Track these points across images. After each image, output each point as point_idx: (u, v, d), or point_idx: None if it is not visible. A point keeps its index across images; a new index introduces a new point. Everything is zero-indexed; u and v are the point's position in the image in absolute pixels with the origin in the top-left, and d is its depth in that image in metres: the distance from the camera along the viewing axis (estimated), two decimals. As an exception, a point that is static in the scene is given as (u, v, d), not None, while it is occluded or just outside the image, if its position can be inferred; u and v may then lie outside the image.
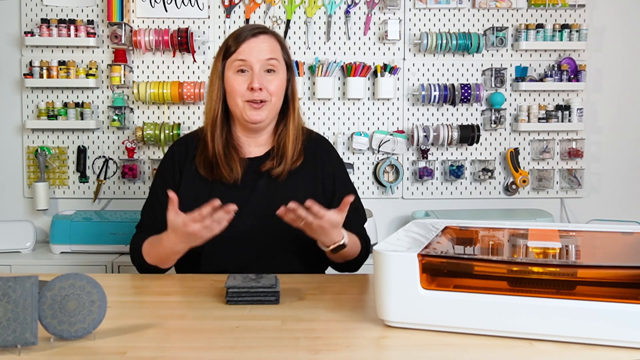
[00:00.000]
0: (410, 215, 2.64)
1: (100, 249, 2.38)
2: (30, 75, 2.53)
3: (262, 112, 1.48)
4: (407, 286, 0.96)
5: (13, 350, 0.90)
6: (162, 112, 2.62)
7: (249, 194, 1.50)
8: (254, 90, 1.45)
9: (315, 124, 2.66)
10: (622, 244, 1.18)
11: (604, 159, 2.77)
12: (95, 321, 0.94)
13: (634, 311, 0.87)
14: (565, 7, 2.67)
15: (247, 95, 1.46)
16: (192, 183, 1.51)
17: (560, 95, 2.71)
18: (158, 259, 1.44)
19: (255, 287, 1.14)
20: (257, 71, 1.46)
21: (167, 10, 2.59)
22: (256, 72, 1.46)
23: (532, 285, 0.98)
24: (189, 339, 0.97)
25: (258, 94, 1.46)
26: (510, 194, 2.73)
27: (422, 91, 2.61)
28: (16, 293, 0.89)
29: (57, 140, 2.63)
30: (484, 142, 2.71)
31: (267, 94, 1.47)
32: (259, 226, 1.47)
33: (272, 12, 2.63)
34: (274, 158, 1.53)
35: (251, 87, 1.45)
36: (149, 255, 1.45)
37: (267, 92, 1.47)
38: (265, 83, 1.47)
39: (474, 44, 2.59)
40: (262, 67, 1.47)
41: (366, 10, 2.65)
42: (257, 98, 1.46)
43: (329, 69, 2.59)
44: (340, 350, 0.92)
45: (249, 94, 1.46)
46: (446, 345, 0.93)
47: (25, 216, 2.62)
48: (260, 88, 1.45)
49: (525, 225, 1.28)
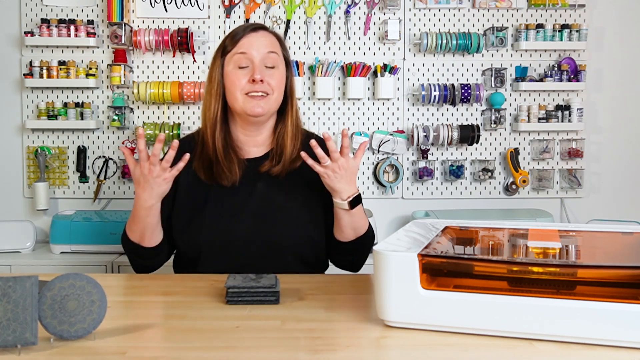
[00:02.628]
0: (410, 215, 2.64)
1: (100, 249, 2.38)
2: (30, 75, 2.53)
3: (263, 104, 1.46)
4: (407, 286, 0.96)
5: (13, 350, 0.90)
6: (162, 112, 2.62)
7: (248, 196, 1.49)
8: (255, 82, 1.44)
9: (315, 124, 2.66)
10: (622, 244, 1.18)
11: (603, 159, 2.77)
12: (95, 321, 0.94)
13: (634, 311, 0.87)
14: (565, 7, 2.67)
15: (247, 87, 1.45)
16: (190, 187, 1.50)
17: (560, 95, 2.71)
18: (137, 228, 1.43)
19: (255, 287, 1.14)
20: (258, 64, 1.46)
21: (167, 10, 2.59)
22: (257, 65, 1.46)
23: (532, 285, 0.98)
24: (189, 339, 0.97)
25: (259, 85, 1.45)
26: (510, 194, 2.73)
27: (422, 91, 2.61)
28: (16, 293, 0.89)
29: (57, 140, 2.63)
30: (484, 142, 2.71)
31: (269, 87, 1.47)
32: (258, 228, 1.47)
33: (272, 12, 2.63)
34: (272, 158, 1.52)
35: (252, 79, 1.44)
36: (130, 229, 1.45)
37: (268, 85, 1.47)
38: (266, 77, 1.46)
39: (474, 44, 2.59)
40: (262, 60, 1.47)
41: (366, 10, 2.65)
42: (259, 90, 1.45)
43: (329, 69, 2.59)
44: (340, 350, 0.92)
45: (250, 86, 1.45)
46: (446, 345, 0.93)
47: (25, 216, 2.62)
48: (261, 80, 1.45)
49: (525, 225, 1.28)
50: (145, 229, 1.43)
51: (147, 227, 1.43)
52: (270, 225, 1.47)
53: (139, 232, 1.44)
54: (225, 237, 1.46)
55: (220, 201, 1.48)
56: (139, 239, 1.45)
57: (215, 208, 1.48)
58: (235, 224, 1.47)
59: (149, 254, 1.48)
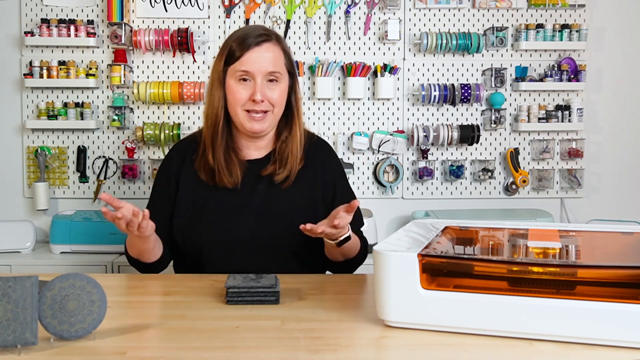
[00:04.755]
0: (410, 215, 2.64)
1: (100, 249, 2.38)
2: (30, 75, 2.52)
3: (263, 123, 1.47)
4: (407, 286, 0.96)
5: (13, 350, 0.90)
6: (162, 112, 2.62)
7: (248, 197, 1.49)
8: (256, 102, 1.44)
9: (315, 124, 2.66)
10: (622, 244, 1.18)
11: (603, 159, 2.77)
12: (95, 321, 0.94)
13: (634, 311, 0.87)
14: (565, 7, 2.67)
15: (248, 105, 1.45)
16: (191, 188, 1.50)
17: (560, 95, 2.71)
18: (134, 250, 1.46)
19: (255, 287, 1.14)
20: (260, 83, 1.44)
21: (167, 10, 2.59)
22: (258, 84, 1.44)
23: (532, 285, 0.98)
24: (189, 339, 0.97)
25: (259, 105, 1.45)
26: (510, 194, 2.73)
27: (422, 91, 2.61)
28: (16, 293, 0.89)
29: (57, 140, 2.63)
30: (484, 142, 2.71)
31: (269, 104, 1.46)
32: (258, 230, 1.47)
33: (272, 12, 2.63)
34: (275, 162, 1.52)
35: (253, 99, 1.44)
36: (129, 246, 1.48)
37: (268, 102, 1.46)
38: (267, 93, 1.45)
39: (474, 44, 2.59)
40: (264, 77, 1.46)
41: (366, 10, 2.65)
42: (259, 110, 1.45)
43: (329, 69, 2.59)
44: (340, 350, 0.92)
45: (250, 104, 1.45)
46: (446, 345, 0.93)
47: (25, 216, 2.62)
48: (262, 100, 1.44)
49: (525, 225, 1.28)
50: (142, 252, 1.45)
51: (144, 251, 1.45)
52: (270, 226, 1.48)
53: (136, 252, 1.46)
54: (225, 238, 1.46)
55: (221, 202, 1.49)
56: (138, 256, 1.47)
57: (216, 209, 1.48)
58: (235, 225, 1.47)
59: (149, 266, 1.49)
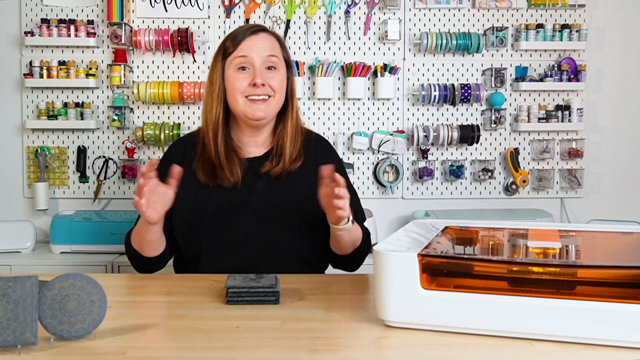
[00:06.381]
0: (410, 215, 2.64)
1: (100, 249, 2.38)
2: (30, 75, 2.53)
3: (265, 108, 1.47)
4: (407, 286, 0.96)
5: (13, 350, 0.90)
6: (162, 112, 2.62)
7: (248, 195, 1.49)
8: (257, 86, 1.44)
9: (315, 124, 2.66)
10: (622, 244, 1.18)
11: (603, 159, 2.77)
12: (95, 321, 0.94)
13: (634, 311, 0.87)
14: (565, 7, 2.67)
15: (248, 91, 1.46)
16: (190, 186, 1.50)
17: (560, 95, 2.71)
18: (138, 239, 1.45)
19: (255, 287, 1.14)
20: (259, 67, 1.46)
21: (167, 10, 2.59)
22: (258, 69, 1.46)
23: (532, 285, 0.98)
24: (189, 339, 0.97)
25: (260, 89, 1.45)
26: (510, 194, 2.73)
27: (422, 91, 2.61)
28: (16, 293, 0.89)
29: (57, 140, 2.63)
30: (484, 142, 2.71)
31: (270, 89, 1.47)
32: (258, 228, 1.47)
33: (272, 12, 2.63)
34: (272, 159, 1.52)
35: (254, 83, 1.44)
36: (133, 237, 1.48)
37: (270, 88, 1.47)
38: (267, 79, 1.46)
39: (474, 44, 2.59)
40: (263, 63, 1.47)
41: (366, 10, 2.65)
42: (260, 93, 1.46)
43: (329, 69, 2.59)
44: (340, 350, 0.92)
45: (251, 89, 1.45)
46: (446, 345, 0.93)
47: (25, 216, 2.62)
48: (262, 84, 1.45)
49: (525, 225, 1.28)
50: (143, 242, 1.44)
51: (146, 242, 1.44)
52: (270, 225, 1.48)
53: (138, 242, 1.46)
54: (225, 237, 1.46)
55: (221, 201, 1.49)
56: (138, 248, 1.47)
57: (216, 208, 1.48)
58: (235, 224, 1.47)
59: (147, 261, 1.49)
